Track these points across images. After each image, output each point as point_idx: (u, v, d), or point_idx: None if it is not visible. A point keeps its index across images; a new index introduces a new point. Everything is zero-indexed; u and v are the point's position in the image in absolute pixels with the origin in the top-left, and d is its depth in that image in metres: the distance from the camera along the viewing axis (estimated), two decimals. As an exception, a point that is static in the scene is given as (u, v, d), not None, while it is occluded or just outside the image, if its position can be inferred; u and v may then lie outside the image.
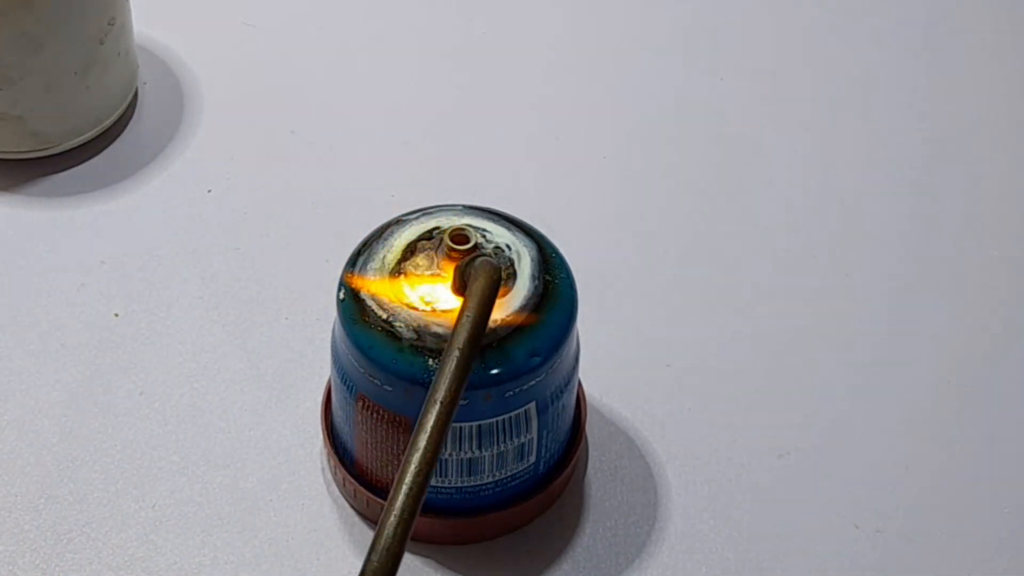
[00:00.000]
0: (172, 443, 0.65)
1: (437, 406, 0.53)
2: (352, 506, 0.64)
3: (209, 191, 0.74)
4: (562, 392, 0.60)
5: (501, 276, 0.57)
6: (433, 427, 0.53)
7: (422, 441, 0.52)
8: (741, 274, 0.72)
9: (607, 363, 0.67)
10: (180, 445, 0.65)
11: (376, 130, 0.77)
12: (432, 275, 0.59)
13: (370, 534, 0.62)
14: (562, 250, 0.61)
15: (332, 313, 0.69)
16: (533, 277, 0.59)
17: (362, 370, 0.58)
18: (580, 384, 0.63)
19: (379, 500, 0.62)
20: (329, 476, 0.64)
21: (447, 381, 0.53)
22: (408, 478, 0.52)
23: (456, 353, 0.54)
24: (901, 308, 0.71)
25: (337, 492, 0.64)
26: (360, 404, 0.59)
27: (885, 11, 0.83)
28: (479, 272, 0.56)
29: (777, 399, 0.67)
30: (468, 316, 0.55)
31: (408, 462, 0.52)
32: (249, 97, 0.78)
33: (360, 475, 0.62)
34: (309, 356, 0.68)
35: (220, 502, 0.64)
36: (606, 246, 0.72)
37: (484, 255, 0.58)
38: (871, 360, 0.69)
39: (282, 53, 0.80)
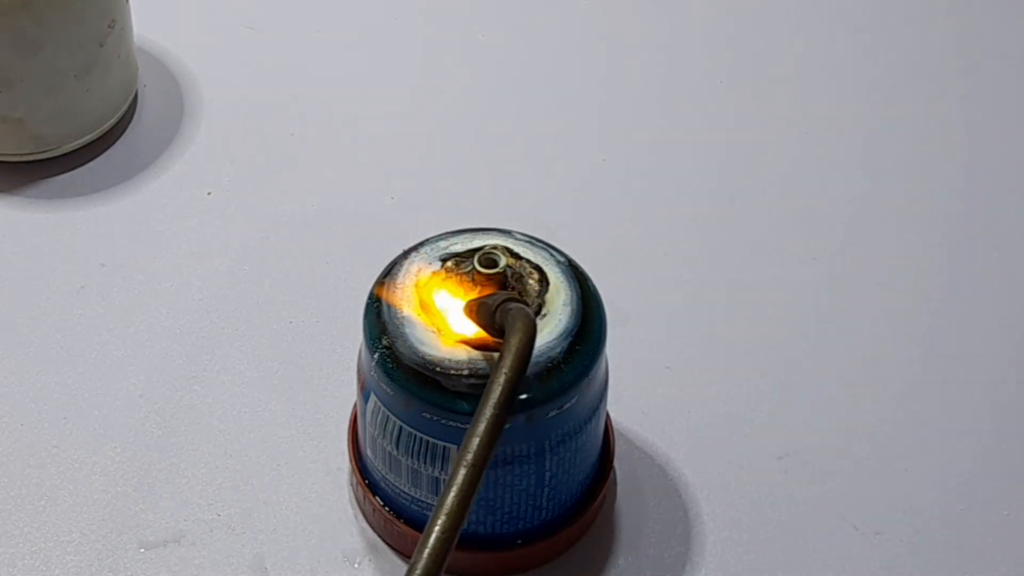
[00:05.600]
0: (172, 444, 0.65)
1: (466, 468, 0.51)
2: (382, 537, 0.63)
3: (209, 193, 0.74)
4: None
5: (536, 328, 0.55)
6: (461, 488, 0.51)
7: (449, 502, 0.51)
8: (741, 277, 0.72)
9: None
10: (181, 447, 0.65)
11: (375, 132, 0.77)
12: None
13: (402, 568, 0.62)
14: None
15: (332, 314, 0.69)
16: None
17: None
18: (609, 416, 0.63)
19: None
20: (352, 495, 0.64)
21: (479, 442, 0.52)
22: (432, 540, 0.50)
23: (489, 412, 0.52)
24: (901, 310, 0.71)
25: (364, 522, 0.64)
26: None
27: (886, 13, 0.83)
28: (516, 324, 0.54)
29: (777, 402, 0.67)
30: (505, 374, 0.53)
31: (434, 523, 0.51)
32: (249, 100, 0.78)
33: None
34: (310, 358, 0.68)
35: (222, 501, 0.64)
36: (605, 249, 0.72)
37: (517, 299, 0.56)
38: (873, 362, 0.69)
39: (282, 56, 0.80)
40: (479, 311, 0.56)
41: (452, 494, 0.51)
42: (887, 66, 0.81)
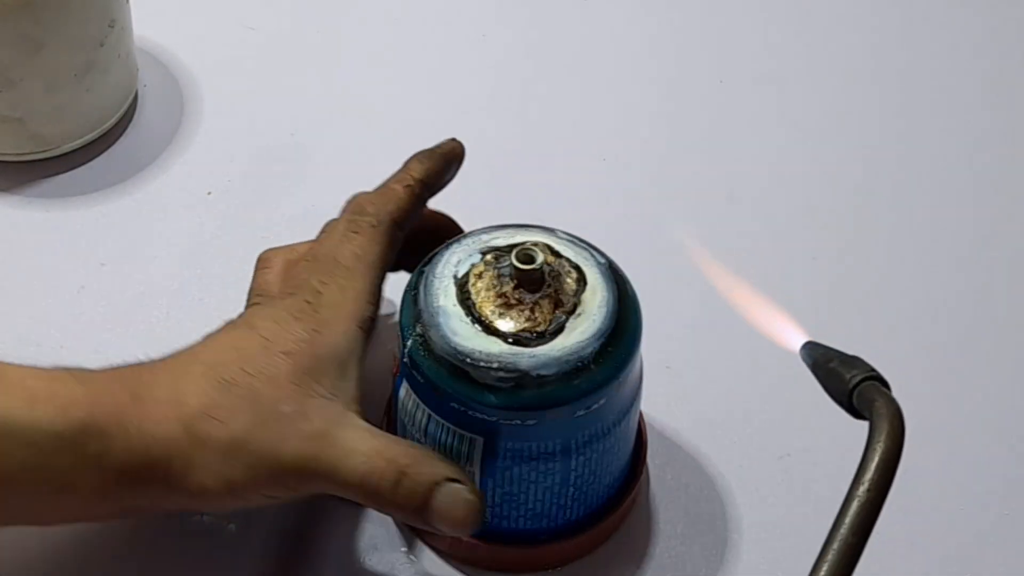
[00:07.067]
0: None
1: None
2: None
3: (209, 193, 0.74)
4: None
5: (904, 425, 0.48)
6: None
7: None
8: (741, 277, 0.72)
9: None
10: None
11: (375, 133, 0.77)
12: (496, 296, 0.58)
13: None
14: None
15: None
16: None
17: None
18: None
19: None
20: None
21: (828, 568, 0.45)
22: None
23: (845, 539, 0.46)
24: (901, 309, 0.71)
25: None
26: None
27: (885, 13, 0.83)
28: (882, 425, 0.48)
29: (778, 402, 0.67)
30: (865, 493, 0.47)
31: None
32: (249, 100, 0.78)
33: None
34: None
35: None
36: (605, 249, 0.72)
37: (878, 377, 0.51)
38: (873, 361, 0.69)
39: (282, 56, 0.80)
40: (828, 375, 0.51)
41: None
42: (887, 65, 0.81)
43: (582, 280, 0.58)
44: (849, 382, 0.50)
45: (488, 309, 0.57)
